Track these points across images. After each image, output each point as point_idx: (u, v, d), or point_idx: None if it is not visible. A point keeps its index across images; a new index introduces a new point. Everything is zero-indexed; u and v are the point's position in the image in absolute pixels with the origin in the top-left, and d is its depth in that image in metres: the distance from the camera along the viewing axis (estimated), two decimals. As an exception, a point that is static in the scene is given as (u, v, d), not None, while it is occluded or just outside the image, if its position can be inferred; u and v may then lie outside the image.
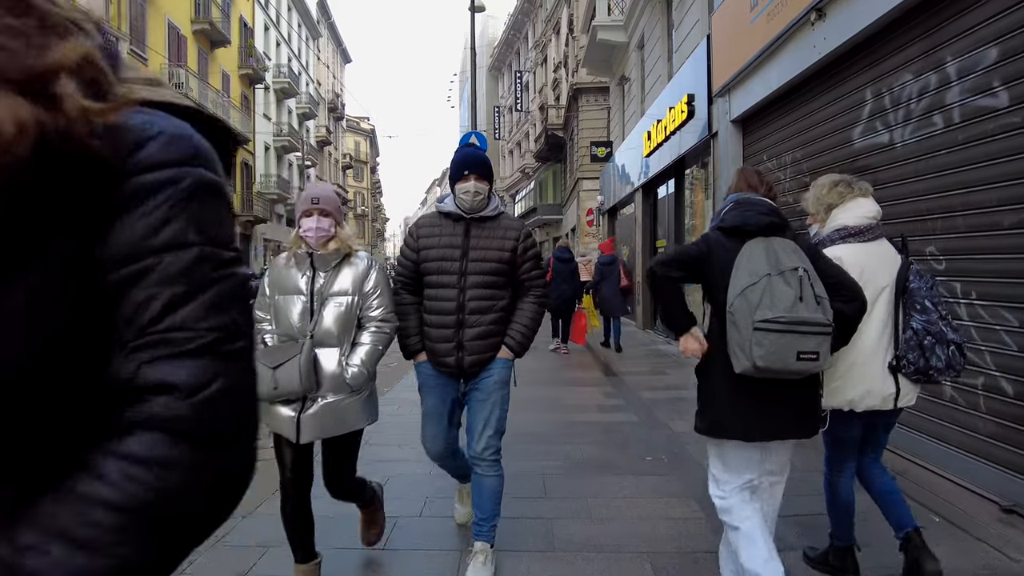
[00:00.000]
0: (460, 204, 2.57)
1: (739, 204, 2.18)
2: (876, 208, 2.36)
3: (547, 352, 9.03)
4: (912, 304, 2.28)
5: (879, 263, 2.30)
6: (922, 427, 3.72)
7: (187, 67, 23.34)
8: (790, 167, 5.54)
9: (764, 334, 1.89)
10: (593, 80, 22.28)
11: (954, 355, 2.23)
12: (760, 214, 2.10)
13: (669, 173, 9.96)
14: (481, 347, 2.60)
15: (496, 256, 2.58)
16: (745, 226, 2.09)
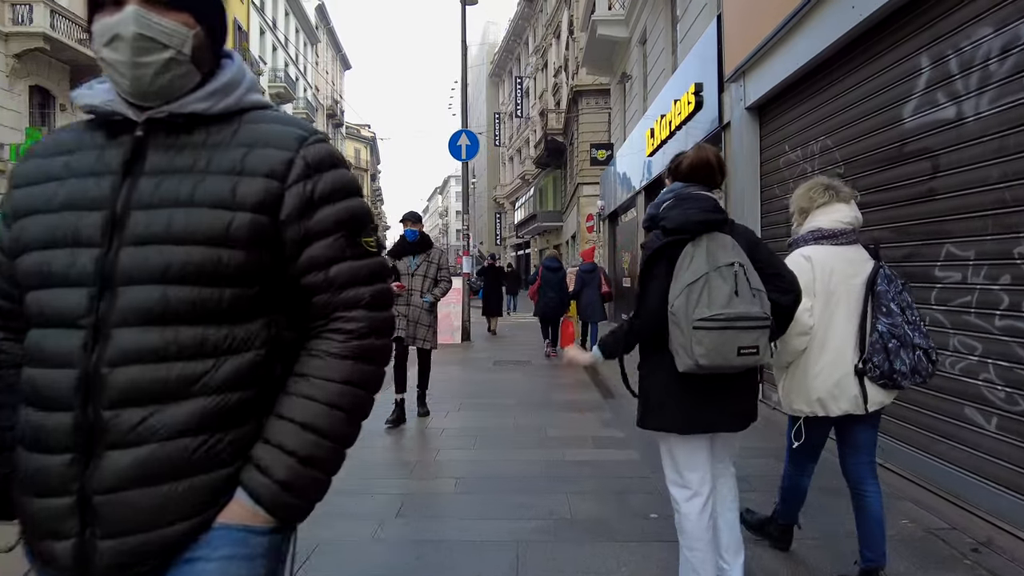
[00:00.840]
0: (116, 83, 0.99)
1: (681, 201, 2.13)
2: (853, 215, 2.39)
3: (539, 369, 8.21)
4: (878, 307, 2.28)
5: (849, 266, 2.33)
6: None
7: (176, 69, 22.68)
8: (819, 157, 4.72)
9: (704, 332, 1.89)
10: (593, 82, 21.56)
11: (920, 360, 2.23)
12: (703, 211, 2.07)
13: (674, 173, 9.14)
14: (145, 506, 0.89)
15: (209, 222, 0.93)
16: (684, 229, 2.05)
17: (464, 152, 10.86)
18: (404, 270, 5.09)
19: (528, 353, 9.84)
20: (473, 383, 7.20)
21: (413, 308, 5.04)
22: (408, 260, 5.09)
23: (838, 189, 2.42)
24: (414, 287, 5.05)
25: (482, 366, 8.47)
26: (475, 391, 6.67)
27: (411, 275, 5.05)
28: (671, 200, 2.14)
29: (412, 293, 5.04)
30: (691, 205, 2.08)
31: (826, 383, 2.28)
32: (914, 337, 2.23)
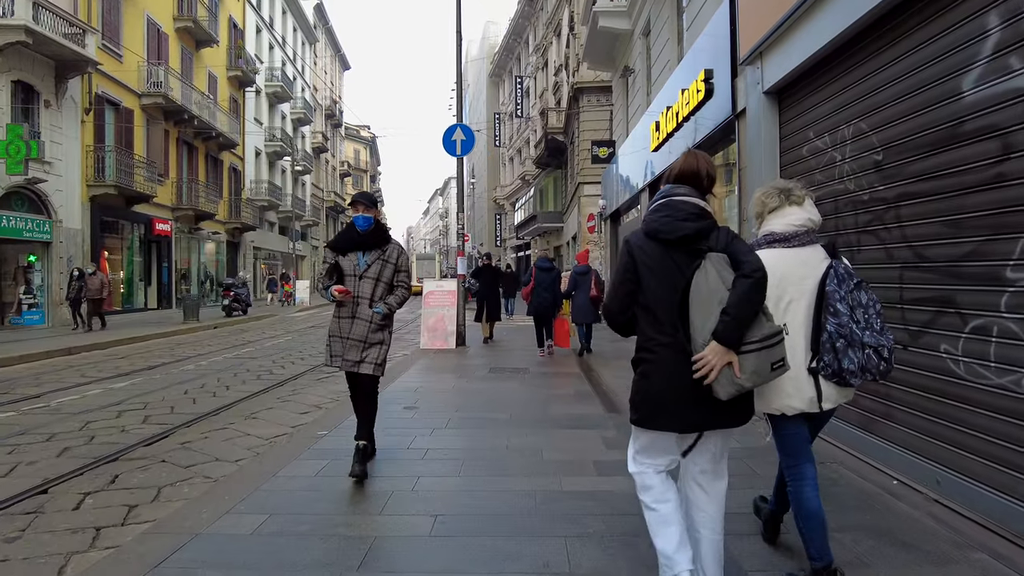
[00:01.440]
0: None
1: (664, 206, 2.22)
2: (807, 216, 2.43)
3: (537, 378, 7.66)
4: (826, 307, 2.32)
5: (803, 267, 2.37)
6: None
7: (168, 66, 22.16)
8: (851, 143, 4.17)
9: (744, 356, 2.00)
10: (594, 79, 21.04)
11: (869, 358, 2.26)
12: (678, 221, 2.15)
13: (681, 168, 8.59)
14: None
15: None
16: (659, 235, 2.16)
17: (459, 147, 10.32)
18: (349, 270, 3.85)
19: (526, 359, 9.28)
20: (465, 394, 6.64)
21: (359, 323, 3.82)
22: (356, 257, 3.87)
23: (790, 192, 2.48)
24: (363, 293, 3.83)
25: (476, 374, 7.91)
26: (467, 403, 6.12)
27: (359, 277, 3.84)
28: (657, 204, 2.25)
29: (360, 302, 3.83)
30: (669, 213, 2.18)
31: (780, 383, 2.31)
32: (863, 336, 2.27)
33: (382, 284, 3.91)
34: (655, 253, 2.16)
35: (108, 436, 5.31)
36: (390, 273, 3.94)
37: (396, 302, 3.96)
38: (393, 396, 6.36)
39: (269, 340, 13.81)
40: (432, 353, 9.93)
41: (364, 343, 3.84)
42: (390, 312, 3.94)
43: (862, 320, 2.29)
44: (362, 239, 3.90)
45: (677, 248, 2.14)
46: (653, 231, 2.18)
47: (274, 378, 8.36)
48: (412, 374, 7.91)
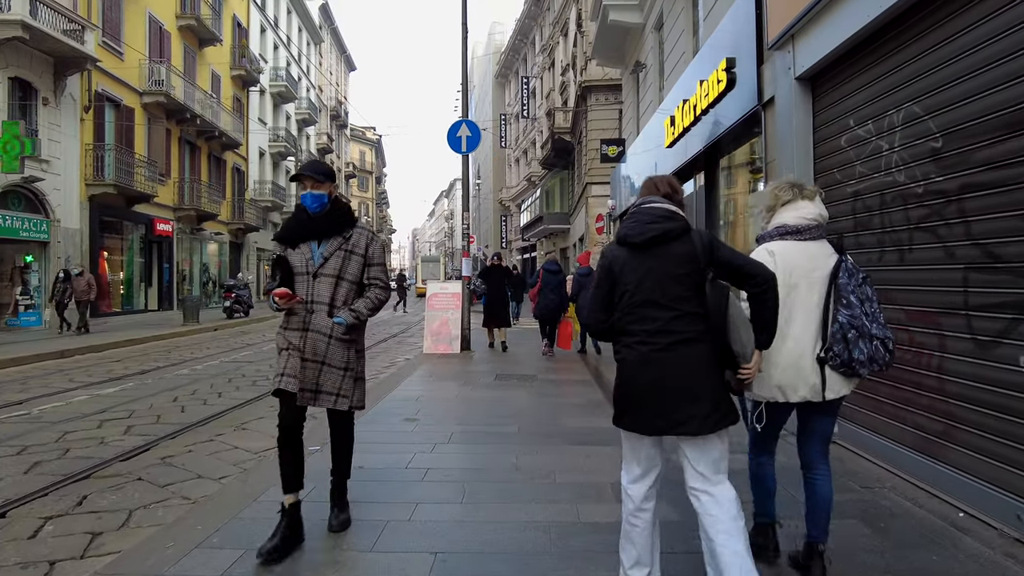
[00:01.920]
0: None
1: (635, 214, 2.32)
2: (818, 211, 2.50)
3: (546, 386, 7.24)
4: (839, 299, 2.38)
5: (812, 260, 2.43)
6: None
7: (170, 64, 21.87)
8: (901, 129, 3.73)
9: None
10: (603, 77, 20.64)
11: (877, 349, 2.34)
12: (645, 224, 2.24)
13: (698, 164, 8.16)
14: None
15: None
16: (628, 239, 2.27)
17: (464, 144, 9.91)
18: (301, 267, 2.89)
19: (534, 365, 8.86)
20: (470, 403, 6.22)
21: (313, 336, 2.86)
22: (309, 249, 2.90)
23: (803, 187, 2.55)
24: (319, 297, 2.87)
25: (482, 381, 7.49)
26: (471, 414, 5.70)
27: (313, 276, 2.87)
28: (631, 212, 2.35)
29: (315, 309, 2.86)
30: (637, 218, 2.28)
31: (786, 371, 2.39)
32: (872, 328, 2.34)
33: (346, 284, 2.91)
34: (625, 257, 2.25)
35: (84, 449, 4.92)
36: (357, 268, 2.93)
37: (367, 308, 2.93)
38: (392, 406, 5.95)
39: (269, 343, 13.44)
40: (435, 358, 9.52)
41: (324, 363, 2.86)
42: (358, 322, 2.91)
43: (870, 313, 2.36)
44: (315, 224, 2.89)
45: (646, 251, 2.21)
46: (622, 236, 2.29)
47: (270, 385, 7.96)
48: (414, 381, 7.50)
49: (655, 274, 2.19)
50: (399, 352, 11.47)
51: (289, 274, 2.90)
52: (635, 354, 2.20)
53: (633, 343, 2.21)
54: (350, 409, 3.02)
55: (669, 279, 2.18)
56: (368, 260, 2.99)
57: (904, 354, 3.67)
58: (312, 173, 2.91)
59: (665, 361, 2.14)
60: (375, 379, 8.27)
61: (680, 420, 2.13)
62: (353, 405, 3.00)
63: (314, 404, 2.90)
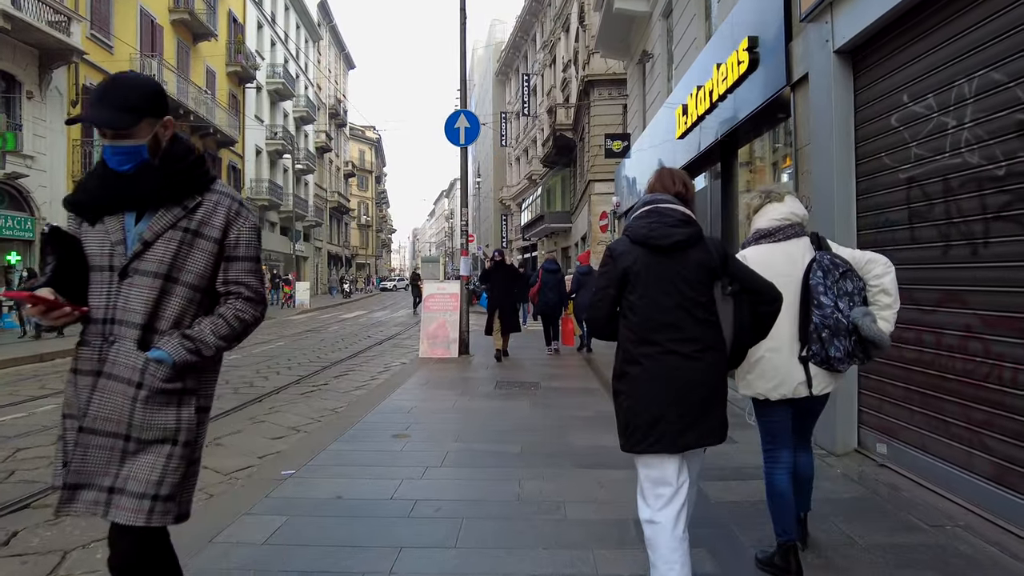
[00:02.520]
0: None
1: (650, 213, 2.20)
2: (788, 210, 2.54)
3: (551, 395, 6.70)
4: (810, 299, 2.41)
5: (784, 261, 2.46)
6: None
7: (163, 59, 21.33)
8: (974, 103, 3.17)
9: None
10: (606, 71, 20.09)
11: (854, 345, 2.38)
12: (669, 227, 2.13)
13: (712, 156, 7.60)
14: None
15: None
16: (649, 241, 2.13)
17: (463, 136, 9.36)
18: (99, 255, 1.66)
19: (537, 371, 8.30)
20: (468, 416, 5.66)
21: (109, 388, 1.62)
22: (119, 226, 1.66)
23: (770, 192, 2.63)
24: (125, 314, 1.64)
25: (481, 389, 6.94)
26: (469, 429, 5.14)
27: (117, 272, 1.65)
28: (642, 211, 2.22)
29: (116, 335, 1.64)
30: (658, 219, 2.15)
31: (765, 370, 2.45)
32: (848, 324, 2.37)
33: (181, 291, 1.70)
34: (646, 259, 2.12)
35: (32, 471, 4.36)
36: (204, 263, 1.71)
37: (215, 336, 1.71)
38: (382, 419, 5.39)
39: (259, 346, 12.88)
40: (432, 363, 8.96)
41: (125, 441, 1.62)
42: (195, 359, 1.68)
43: (846, 308, 2.37)
44: (131, 185, 1.66)
45: (669, 254, 2.11)
46: (643, 237, 2.14)
47: (253, 392, 7.41)
48: (407, 389, 6.94)
49: (678, 279, 2.10)
50: (394, 356, 10.92)
51: (75, 264, 1.66)
52: (660, 364, 2.07)
53: (657, 353, 2.07)
54: (168, 523, 1.65)
55: (690, 285, 2.10)
56: (228, 250, 1.73)
57: (978, 367, 3.11)
58: (107, 112, 1.60)
59: (694, 369, 2.06)
60: (365, 387, 7.71)
61: (709, 430, 2.10)
62: (177, 516, 1.66)
63: (104, 515, 1.60)
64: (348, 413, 5.74)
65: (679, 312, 2.07)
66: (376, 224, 74.75)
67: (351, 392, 7.44)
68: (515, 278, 9.74)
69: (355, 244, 63.54)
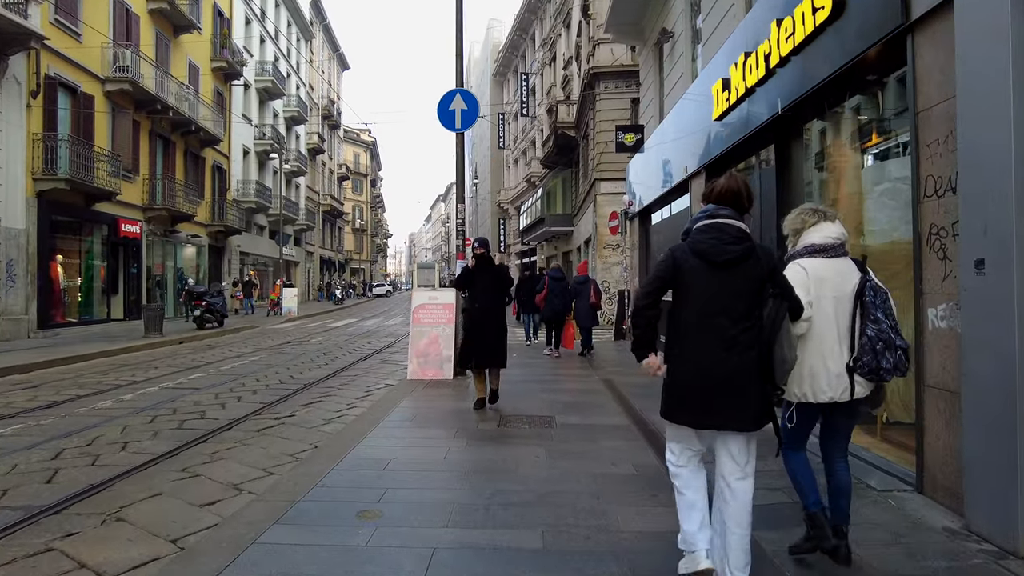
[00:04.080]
0: None
1: (711, 228, 2.49)
2: (840, 231, 2.77)
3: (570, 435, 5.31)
4: (867, 315, 2.62)
5: (838, 276, 2.69)
6: None
7: (138, 50, 19.93)
8: None
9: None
10: (613, 63, 18.77)
11: (900, 359, 2.59)
12: (724, 245, 2.44)
13: (764, 137, 6.24)
14: None
15: None
16: (707, 256, 2.45)
17: (459, 119, 7.99)
18: None
19: (548, 398, 6.89)
20: (463, 476, 4.23)
21: None
22: None
23: (825, 211, 2.82)
24: None
25: (481, 428, 5.53)
26: (466, 503, 3.69)
27: None
28: (704, 224, 2.53)
29: None
30: (716, 236, 2.46)
31: (819, 376, 2.63)
32: (896, 340, 2.59)
33: None
34: (700, 270, 2.45)
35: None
36: None
37: None
38: (345, 484, 3.98)
39: (231, 360, 11.47)
40: (422, 388, 7.55)
41: None
42: None
43: (893, 327, 2.60)
44: None
45: (723, 269, 2.42)
46: (701, 251, 2.46)
47: (200, 427, 6.00)
48: (388, 428, 5.52)
49: (728, 289, 2.42)
50: (380, 375, 9.50)
51: None
52: (702, 360, 2.42)
53: (699, 350, 2.44)
54: None
55: (739, 295, 2.42)
56: None
57: None
58: None
59: (730, 365, 2.39)
60: (339, 420, 6.30)
61: (738, 417, 2.39)
62: None
63: None
64: (304, 469, 4.33)
65: (721, 317, 2.41)
66: (371, 228, 73.35)
67: (320, 427, 6.03)
68: (502, 282, 6.55)
69: (349, 248, 62.09)
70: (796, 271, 2.65)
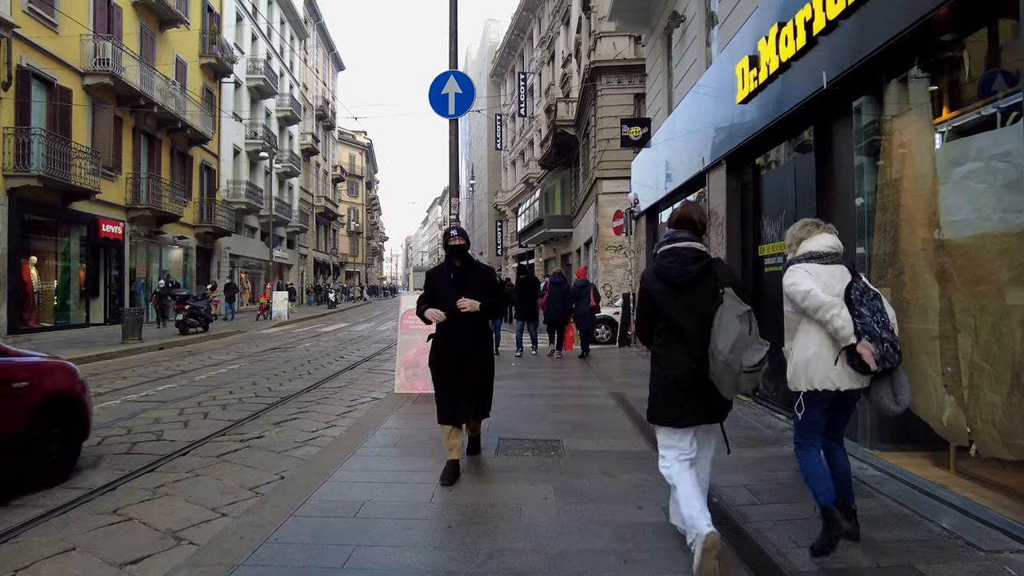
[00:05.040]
0: None
1: (670, 253, 2.92)
2: (835, 241, 3.03)
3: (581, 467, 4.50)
4: (852, 310, 2.82)
5: (831, 278, 2.94)
6: None
7: (121, 43, 19.10)
8: None
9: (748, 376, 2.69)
10: (615, 57, 18.02)
11: (887, 350, 2.75)
12: (683, 267, 2.85)
13: (802, 116, 5.46)
14: None
15: None
16: (669, 279, 2.87)
17: (452, 104, 7.20)
18: None
19: (554, 418, 6.07)
20: (453, 531, 3.40)
21: None
22: None
23: (821, 223, 3.13)
24: None
25: (474, 459, 4.70)
26: (458, 569, 2.90)
27: None
28: (665, 249, 2.96)
29: None
30: (674, 259, 2.88)
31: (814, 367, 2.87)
32: (882, 333, 2.77)
33: None
34: (666, 291, 2.87)
35: None
36: None
37: None
38: (309, 532, 3.17)
39: (209, 369, 10.63)
40: (410, 403, 6.73)
41: None
42: None
43: (879, 321, 2.79)
44: None
45: (684, 288, 2.84)
46: (664, 275, 2.88)
47: (155, 451, 5.19)
48: (366, 457, 4.70)
49: (689, 306, 2.83)
50: (366, 386, 8.68)
51: None
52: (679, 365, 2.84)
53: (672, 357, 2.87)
54: None
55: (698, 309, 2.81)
56: None
57: None
58: None
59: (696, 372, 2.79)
60: (312, 444, 5.47)
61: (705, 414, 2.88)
62: None
63: None
64: (257, 516, 3.51)
65: (684, 331, 2.83)
66: (367, 231, 72.47)
67: (290, 452, 5.21)
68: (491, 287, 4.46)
69: (344, 251, 61.19)
70: (801, 275, 2.91)
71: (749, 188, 6.84)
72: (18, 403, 4.07)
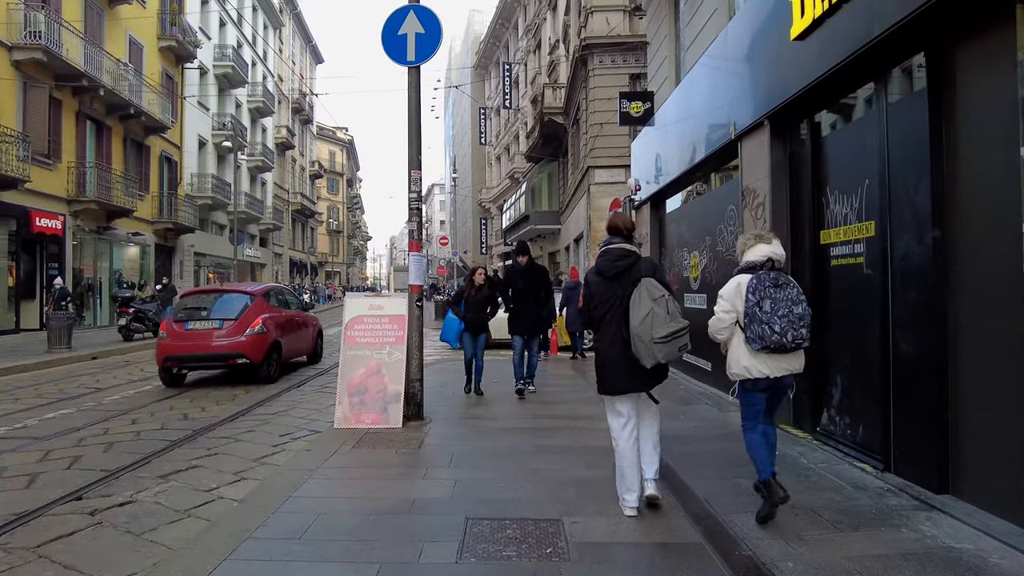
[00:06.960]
0: None
1: (605, 253, 3.54)
2: (770, 250, 3.36)
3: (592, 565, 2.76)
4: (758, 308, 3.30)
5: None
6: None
7: (59, 16, 17.11)
8: None
9: (660, 345, 3.24)
10: (608, 33, 16.36)
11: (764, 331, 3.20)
12: (613, 262, 3.46)
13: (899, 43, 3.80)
14: None
15: None
16: (603, 273, 3.48)
17: (412, 48, 5.49)
18: None
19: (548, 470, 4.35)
20: None
21: None
22: None
23: (761, 236, 3.48)
24: None
25: (443, 552, 2.99)
26: None
27: None
28: (602, 251, 3.58)
29: None
30: (606, 259, 3.50)
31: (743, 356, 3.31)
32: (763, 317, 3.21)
33: None
34: (601, 283, 3.49)
35: None
36: None
37: None
38: None
39: (128, 387, 8.79)
40: (352, 445, 4.97)
41: None
42: None
43: (769, 309, 3.21)
44: None
45: (615, 280, 3.43)
46: (599, 270, 3.51)
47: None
48: (247, 563, 2.96)
49: (616, 293, 3.42)
50: (307, 413, 6.88)
51: None
52: (612, 348, 3.42)
53: (607, 339, 3.45)
54: None
55: (624, 296, 3.39)
56: None
57: None
58: None
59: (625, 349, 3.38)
60: (182, 524, 3.66)
61: (637, 383, 3.43)
62: None
63: None
64: None
65: (617, 314, 3.40)
66: (348, 230, 70.28)
67: (157, 531, 3.44)
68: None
69: (323, 251, 59.04)
70: (732, 287, 3.37)
71: (804, 156, 5.17)
72: None
